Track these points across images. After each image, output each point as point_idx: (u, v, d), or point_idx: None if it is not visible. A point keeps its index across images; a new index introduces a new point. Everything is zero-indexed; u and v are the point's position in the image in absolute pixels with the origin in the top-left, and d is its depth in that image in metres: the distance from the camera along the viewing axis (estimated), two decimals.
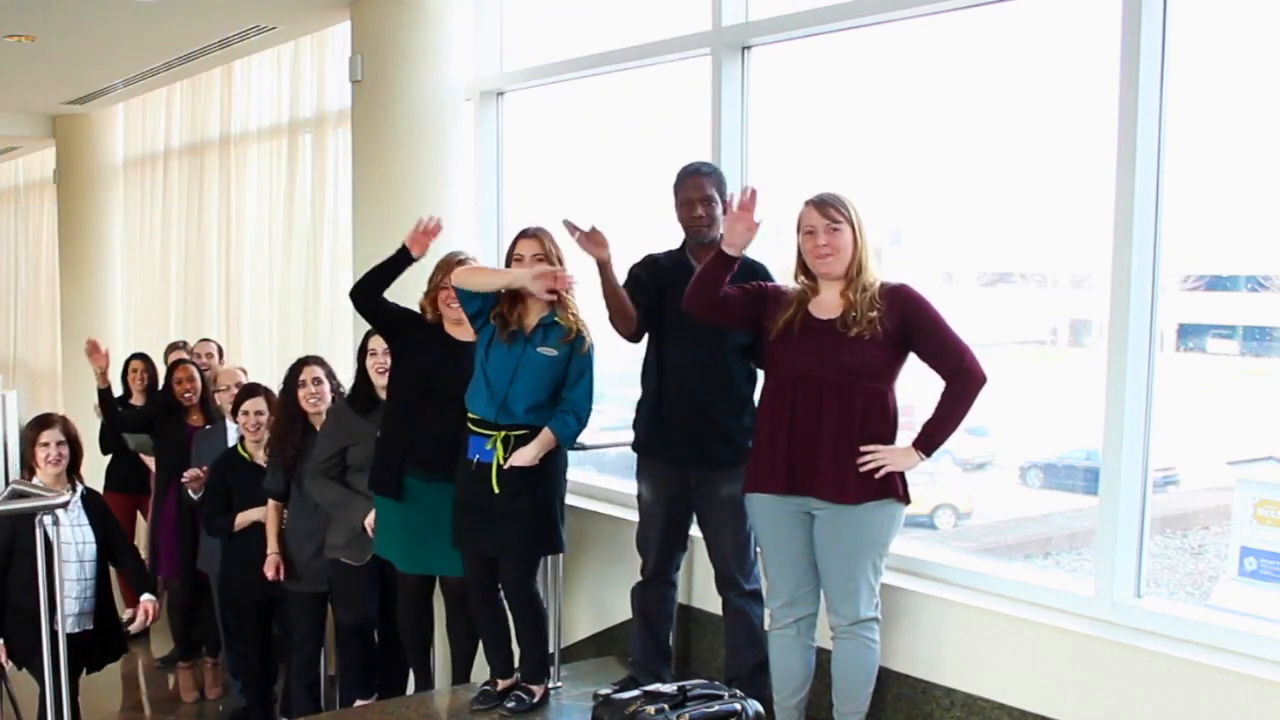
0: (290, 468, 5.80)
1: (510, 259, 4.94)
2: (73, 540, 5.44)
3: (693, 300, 4.38)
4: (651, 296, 4.86)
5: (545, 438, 4.83)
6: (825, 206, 4.14)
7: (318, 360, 6.07)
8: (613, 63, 6.32)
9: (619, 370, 6.23)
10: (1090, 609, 4.28)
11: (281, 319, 9.10)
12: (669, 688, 4.50)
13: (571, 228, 4.75)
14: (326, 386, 5.91)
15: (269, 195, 9.41)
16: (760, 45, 5.55)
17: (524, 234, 4.94)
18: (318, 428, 5.76)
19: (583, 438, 5.14)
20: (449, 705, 5.41)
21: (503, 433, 4.82)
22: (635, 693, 4.62)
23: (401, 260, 5.13)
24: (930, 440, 4.14)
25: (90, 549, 5.62)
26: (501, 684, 5.18)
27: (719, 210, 4.75)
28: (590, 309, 4.99)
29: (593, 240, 4.73)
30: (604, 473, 6.62)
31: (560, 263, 4.88)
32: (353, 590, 5.67)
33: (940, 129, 5.34)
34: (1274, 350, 4.68)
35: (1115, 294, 4.17)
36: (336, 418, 5.63)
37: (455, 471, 4.97)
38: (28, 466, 5.34)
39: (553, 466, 4.93)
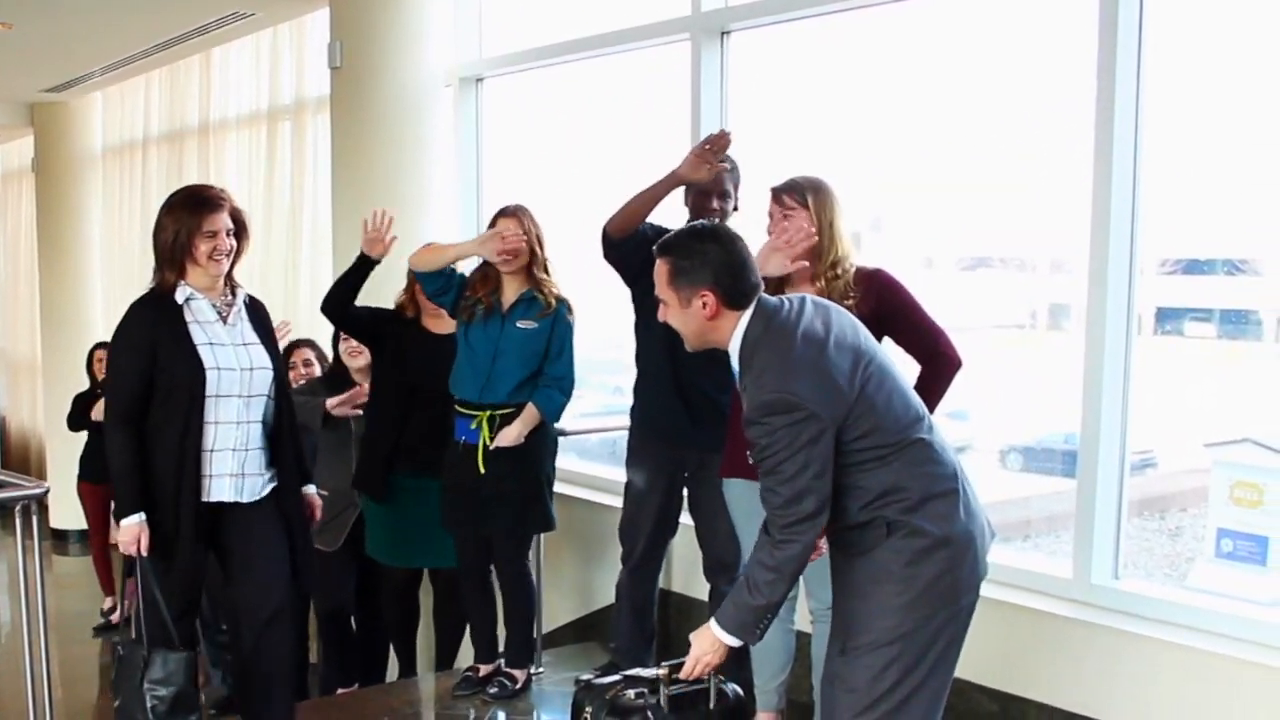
0: None
1: None
2: (236, 365, 4.20)
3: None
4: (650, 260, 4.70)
5: (529, 414, 4.83)
6: (779, 193, 4.11)
7: (309, 343, 6.12)
8: (592, 48, 6.32)
9: (601, 356, 6.24)
10: (1068, 591, 4.31)
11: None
12: (650, 672, 4.50)
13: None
14: (317, 368, 5.97)
15: (248, 182, 9.37)
16: (739, 30, 5.56)
17: (503, 212, 4.94)
18: None
19: (565, 423, 5.14)
20: (432, 691, 5.42)
21: (487, 412, 4.83)
22: (616, 678, 4.62)
23: (363, 267, 5.13)
24: None
25: (266, 377, 4.31)
26: (484, 669, 5.20)
27: (731, 205, 4.69)
28: (570, 284, 5.00)
29: (705, 156, 4.44)
30: (585, 459, 6.62)
31: (539, 241, 4.89)
32: (326, 576, 5.66)
33: (920, 114, 5.34)
34: (1250, 333, 4.70)
35: (1093, 278, 4.19)
36: (306, 394, 5.64)
37: (441, 469, 5.00)
38: (177, 265, 4.13)
39: (540, 444, 4.93)
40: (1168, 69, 4.23)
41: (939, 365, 4.07)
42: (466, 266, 5.03)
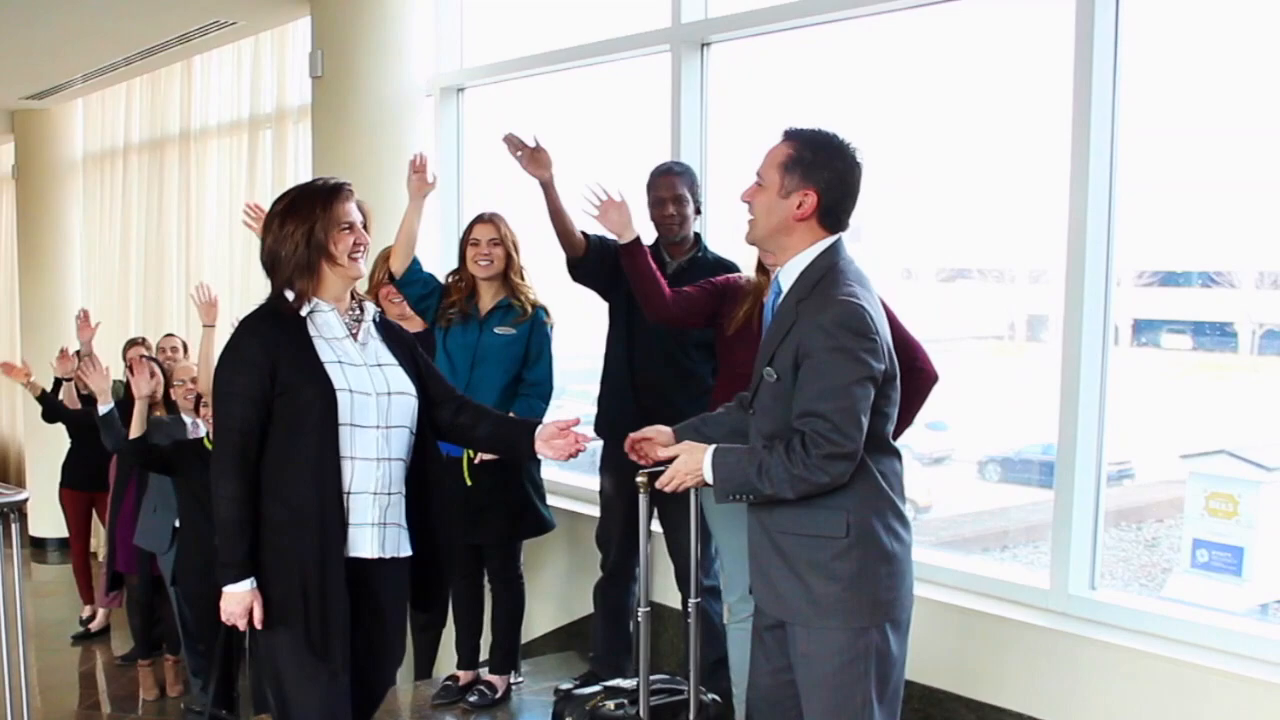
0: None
1: (465, 243, 5.00)
2: (371, 389, 3.49)
3: (654, 311, 4.42)
4: (618, 270, 4.69)
5: None
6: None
7: None
8: (573, 59, 6.34)
9: (581, 367, 6.25)
10: (1045, 601, 4.33)
11: (242, 314, 9.03)
12: (629, 683, 4.52)
13: (515, 144, 4.71)
14: None
15: (229, 191, 9.37)
16: (719, 42, 5.58)
17: (479, 218, 5.02)
18: None
19: None
20: (411, 701, 5.41)
21: None
22: (596, 688, 4.64)
23: None
24: None
25: (407, 405, 3.57)
26: (464, 678, 5.21)
27: (690, 209, 4.75)
28: (549, 293, 5.03)
29: (534, 160, 4.69)
30: (565, 467, 6.62)
31: (515, 247, 4.95)
32: None
33: (899, 126, 5.37)
34: (1226, 345, 4.74)
35: (1070, 290, 4.22)
36: None
37: None
38: (313, 271, 3.47)
39: None
40: (1144, 82, 4.26)
41: (917, 379, 4.06)
42: (440, 271, 5.08)
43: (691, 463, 3.31)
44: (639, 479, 3.52)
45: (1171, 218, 4.68)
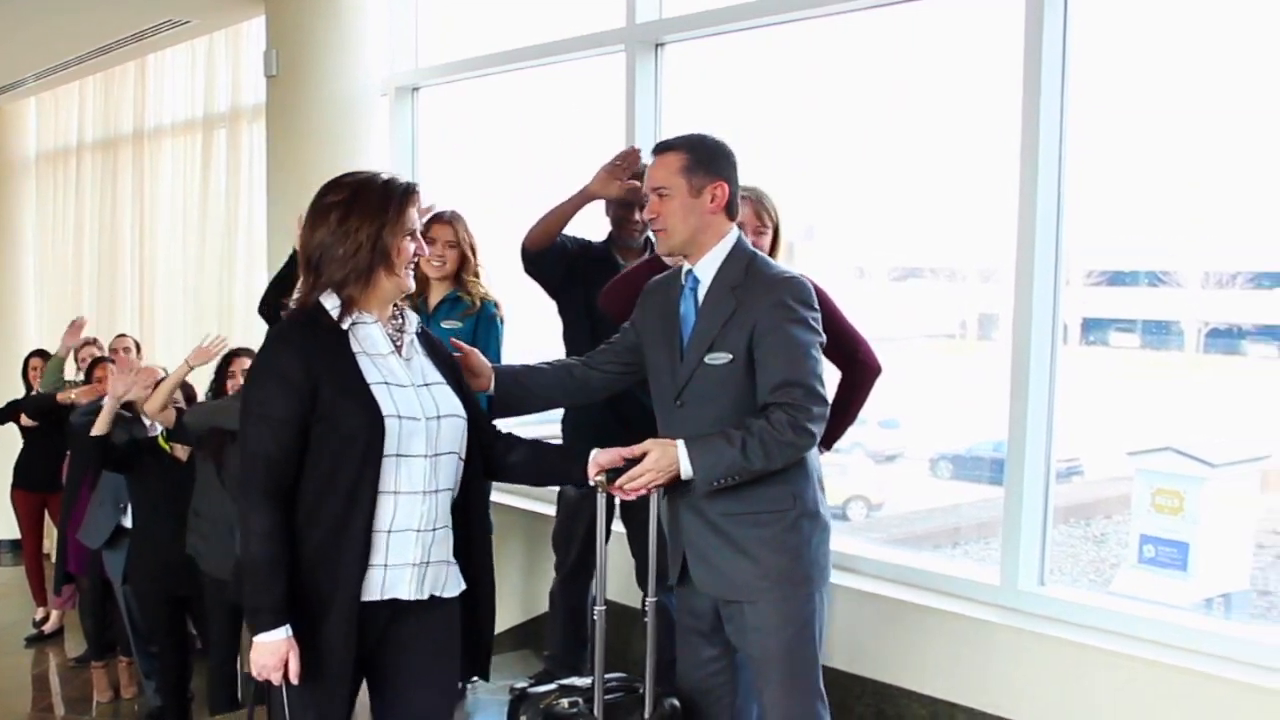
0: (218, 453, 5.79)
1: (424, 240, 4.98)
2: (420, 413, 3.12)
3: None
4: (572, 271, 4.78)
5: None
6: None
7: (248, 352, 6.09)
8: (527, 59, 6.34)
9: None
10: (995, 597, 4.37)
11: (197, 315, 9.03)
12: (584, 681, 4.53)
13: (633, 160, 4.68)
14: None
15: (183, 191, 9.34)
16: (673, 42, 5.60)
17: (438, 217, 4.98)
18: None
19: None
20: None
21: None
22: (551, 687, 4.64)
23: (295, 265, 5.14)
24: (829, 435, 4.07)
25: (457, 428, 3.21)
26: None
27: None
28: (507, 293, 5.03)
29: (616, 172, 4.65)
30: None
31: (472, 248, 4.95)
32: None
33: (852, 126, 5.42)
34: (1172, 344, 4.80)
35: (1019, 289, 4.26)
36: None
37: None
38: (370, 278, 3.10)
39: None
40: (1092, 83, 4.30)
41: (859, 372, 4.18)
42: None
43: (665, 459, 3.37)
44: (597, 478, 3.40)
45: (1120, 218, 4.74)
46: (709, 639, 3.60)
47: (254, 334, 7.38)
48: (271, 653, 2.98)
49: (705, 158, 3.48)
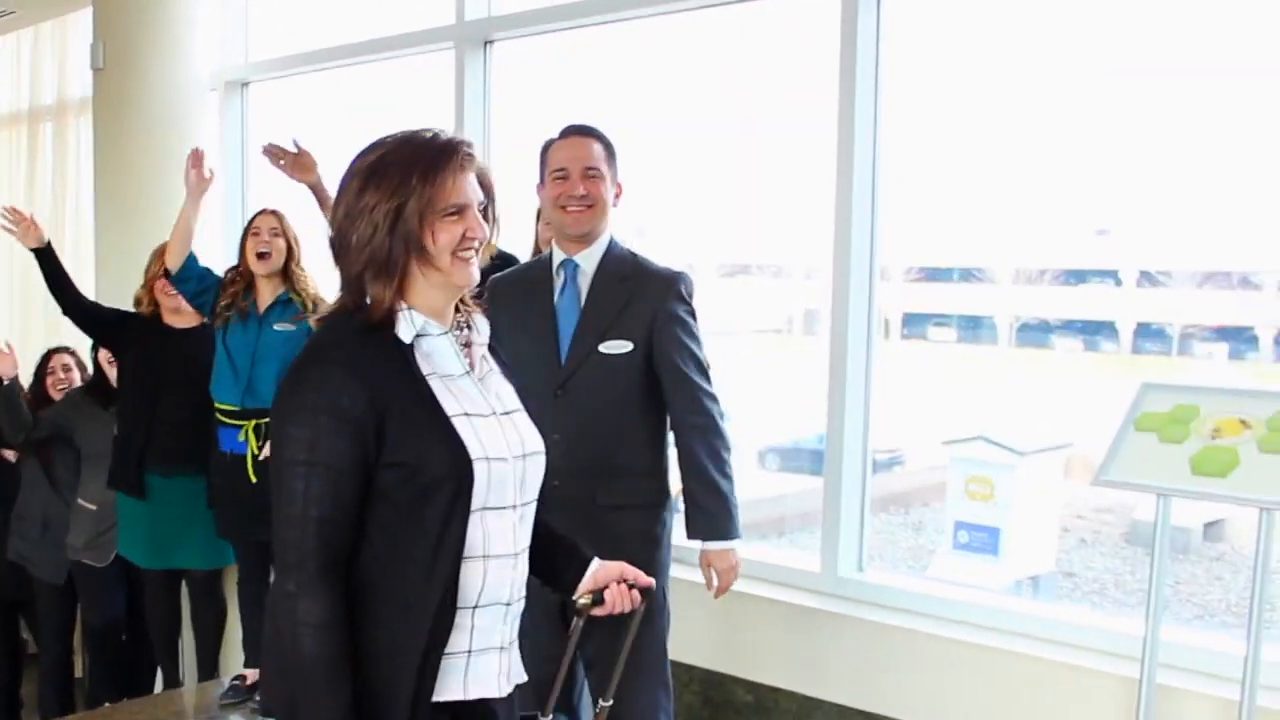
0: (46, 454, 5.71)
1: (247, 233, 4.99)
2: (507, 451, 2.41)
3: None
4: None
5: None
6: None
7: (68, 350, 6.03)
8: (357, 55, 6.31)
9: None
10: (817, 584, 4.48)
11: (24, 312, 8.80)
12: None
13: (276, 154, 4.73)
14: (76, 375, 5.89)
15: (8, 185, 9.08)
16: (503, 39, 5.62)
17: (262, 211, 5.02)
18: None
19: None
20: (197, 703, 5.36)
21: (253, 421, 4.83)
22: None
23: (39, 259, 5.22)
24: None
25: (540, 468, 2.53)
26: (250, 677, 5.17)
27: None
28: (333, 290, 5.02)
29: (299, 166, 4.72)
30: None
31: (295, 242, 4.95)
32: (99, 591, 5.60)
33: (681, 125, 5.49)
34: (985, 337, 4.98)
35: (836, 285, 4.37)
36: (68, 403, 5.60)
37: (195, 464, 4.99)
38: (395, 274, 2.30)
39: None
40: (906, 87, 4.43)
41: None
42: (223, 267, 5.06)
43: (727, 559, 3.61)
44: (581, 601, 2.61)
45: (937, 216, 4.89)
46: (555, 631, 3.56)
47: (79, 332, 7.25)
48: None
49: (614, 154, 3.63)
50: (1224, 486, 3.05)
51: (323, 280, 5.04)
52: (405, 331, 2.28)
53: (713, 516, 3.53)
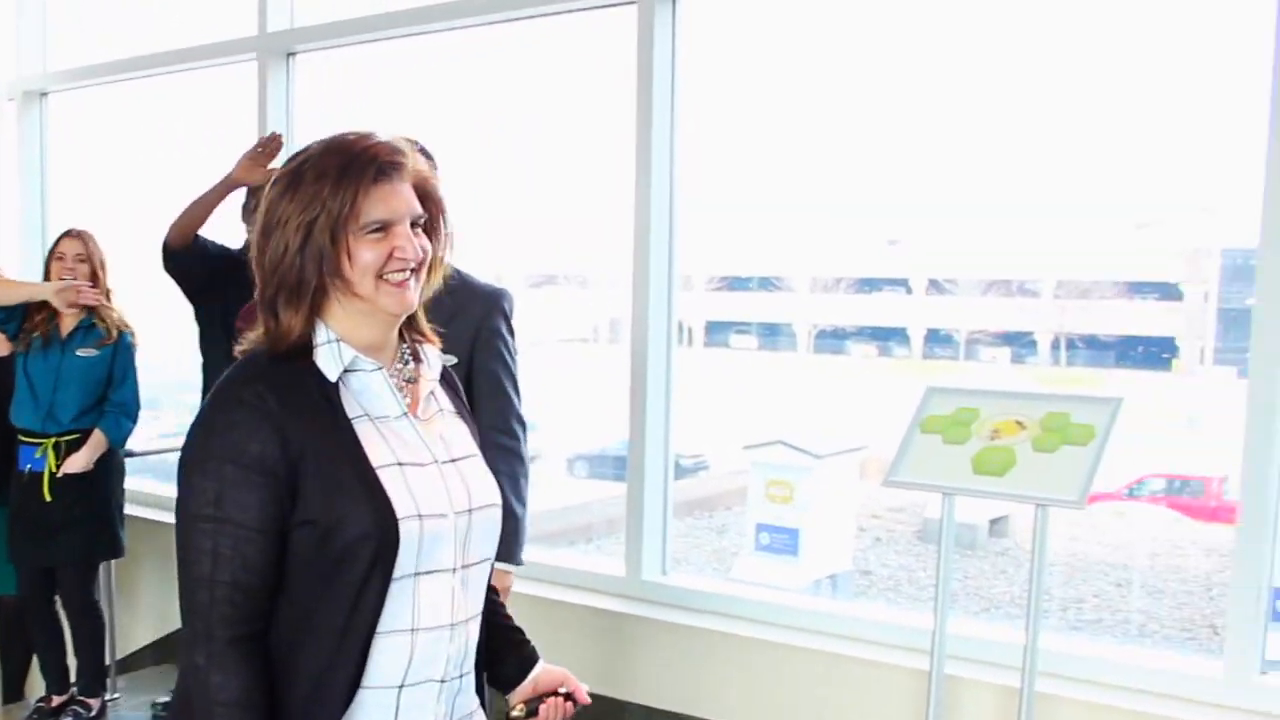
0: None
1: (52, 257, 4.90)
2: (448, 505, 2.07)
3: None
4: (214, 277, 4.52)
5: (97, 440, 4.80)
6: None
7: None
8: (159, 65, 6.22)
9: (176, 378, 6.16)
10: (622, 588, 4.57)
11: None
12: None
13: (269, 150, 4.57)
14: None
15: None
16: (305, 51, 5.61)
17: (68, 233, 4.92)
18: None
19: (138, 444, 5.09)
20: None
21: (53, 439, 4.76)
22: None
23: None
24: None
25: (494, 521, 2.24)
26: (56, 700, 5.07)
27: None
28: (143, 304, 4.97)
29: (259, 159, 4.55)
30: (161, 479, 6.51)
31: (102, 265, 4.86)
32: None
33: (486, 136, 5.53)
34: (783, 344, 5.12)
35: (636, 294, 4.46)
36: None
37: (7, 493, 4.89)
38: (305, 297, 1.98)
39: (107, 470, 4.88)
40: (702, 100, 4.54)
41: None
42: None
43: (508, 581, 3.66)
44: (515, 712, 2.27)
45: (737, 227, 5.02)
46: None
47: None
48: None
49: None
50: (1002, 485, 3.21)
51: (135, 299, 4.98)
52: (329, 367, 1.96)
53: (504, 540, 3.57)
